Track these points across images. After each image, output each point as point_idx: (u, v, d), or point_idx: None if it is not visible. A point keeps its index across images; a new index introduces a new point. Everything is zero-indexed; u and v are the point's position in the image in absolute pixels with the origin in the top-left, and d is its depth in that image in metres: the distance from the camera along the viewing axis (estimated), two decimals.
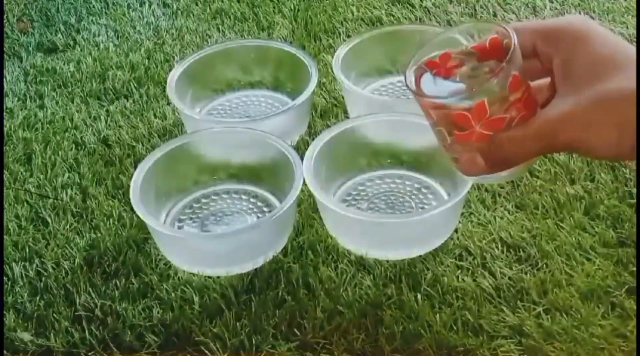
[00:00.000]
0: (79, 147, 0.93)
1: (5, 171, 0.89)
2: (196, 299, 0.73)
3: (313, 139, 0.82)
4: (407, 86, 0.56)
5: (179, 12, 1.18)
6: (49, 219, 0.83)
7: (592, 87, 0.51)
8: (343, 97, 0.95)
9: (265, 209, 0.83)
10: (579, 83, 0.52)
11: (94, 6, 1.21)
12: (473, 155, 0.55)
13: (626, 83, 0.50)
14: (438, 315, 0.70)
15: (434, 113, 0.55)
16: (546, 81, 0.56)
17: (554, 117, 0.52)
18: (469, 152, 0.55)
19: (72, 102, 1.00)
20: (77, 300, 0.74)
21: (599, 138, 0.50)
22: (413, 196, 0.83)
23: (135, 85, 1.02)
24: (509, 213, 0.80)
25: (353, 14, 1.13)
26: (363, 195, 0.84)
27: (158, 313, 0.72)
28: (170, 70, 0.96)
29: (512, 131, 0.53)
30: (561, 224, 0.78)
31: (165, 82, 0.93)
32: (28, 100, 1.01)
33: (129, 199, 0.76)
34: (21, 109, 1.00)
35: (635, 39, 1.01)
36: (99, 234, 0.81)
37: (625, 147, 0.50)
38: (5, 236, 0.81)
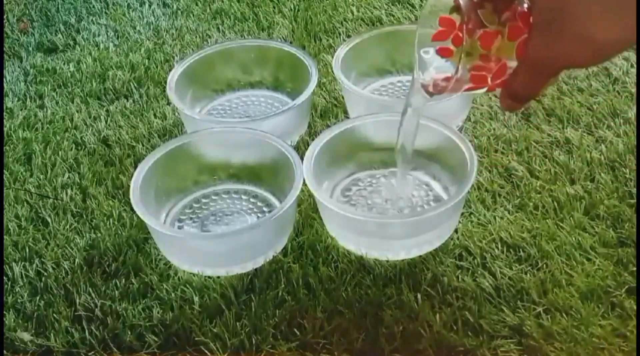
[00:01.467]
0: (79, 147, 0.93)
1: (5, 171, 0.89)
2: (196, 299, 0.73)
3: (313, 139, 0.82)
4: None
5: (179, 12, 1.18)
6: (49, 219, 0.83)
7: (560, 16, 0.54)
8: (343, 97, 0.95)
9: (265, 209, 0.83)
10: (547, 12, 0.55)
11: (94, 6, 1.21)
12: (507, 100, 0.62)
13: (591, 7, 0.53)
14: (438, 314, 0.70)
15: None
16: None
17: (538, 57, 0.57)
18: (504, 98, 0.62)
19: (72, 102, 1.00)
20: (77, 300, 0.74)
21: (579, 61, 0.57)
22: (414, 192, 0.83)
23: (135, 85, 1.02)
24: (509, 213, 0.80)
25: (353, 14, 1.13)
26: (363, 191, 0.84)
27: (158, 313, 0.72)
28: (170, 70, 0.96)
29: (515, 78, 0.60)
30: (561, 224, 0.78)
31: (165, 82, 0.93)
32: (28, 100, 1.01)
33: (129, 199, 0.76)
34: (21, 109, 1.00)
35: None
36: (99, 234, 0.81)
37: (605, 58, 0.57)
38: (5, 236, 0.81)
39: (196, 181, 0.85)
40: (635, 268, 0.73)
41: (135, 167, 0.81)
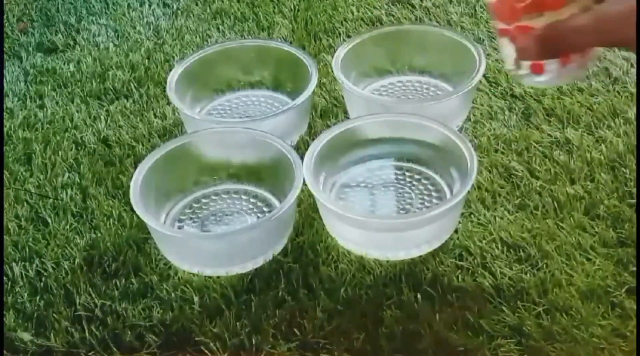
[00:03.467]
0: (79, 147, 0.93)
1: (5, 171, 0.89)
2: (196, 299, 0.73)
3: (313, 139, 0.82)
4: None
5: (179, 12, 1.18)
6: (49, 219, 0.83)
7: None
8: (343, 97, 0.95)
9: (265, 209, 0.83)
10: None
11: (94, 6, 1.21)
12: (529, 40, 0.57)
13: None
14: (438, 315, 0.70)
15: None
16: None
17: (618, 13, 0.53)
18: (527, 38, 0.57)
19: (72, 102, 1.00)
20: (77, 300, 0.74)
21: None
22: (413, 187, 0.83)
23: (135, 85, 1.02)
24: (509, 213, 0.80)
25: (353, 14, 1.13)
26: (363, 187, 0.84)
27: (158, 313, 0.72)
28: (170, 70, 0.96)
29: (574, 18, 0.55)
30: (561, 224, 0.78)
31: (165, 82, 0.93)
32: (28, 100, 1.01)
33: (129, 199, 0.76)
34: (21, 109, 1.00)
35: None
36: (99, 234, 0.81)
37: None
38: (5, 236, 0.81)
39: (196, 181, 0.85)
40: (635, 268, 0.73)
41: (135, 167, 0.81)
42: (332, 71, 0.92)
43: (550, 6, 0.57)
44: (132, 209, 0.77)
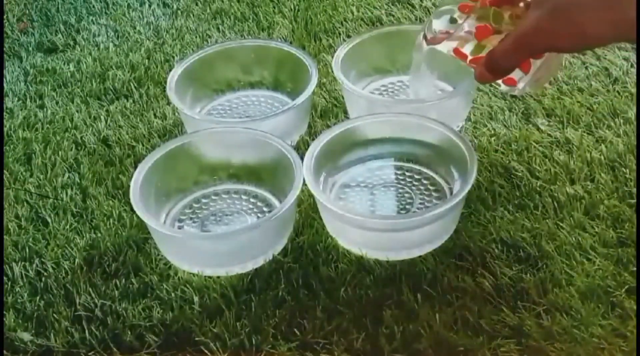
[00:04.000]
0: (79, 147, 0.93)
1: (5, 171, 0.89)
2: (196, 299, 0.73)
3: (313, 139, 0.82)
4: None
5: (179, 12, 1.18)
6: (49, 219, 0.83)
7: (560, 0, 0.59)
8: (343, 97, 0.95)
9: (265, 209, 0.83)
10: None
11: (94, 6, 1.21)
12: (480, 67, 0.69)
13: None
14: (438, 314, 0.70)
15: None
16: None
17: (525, 31, 0.62)
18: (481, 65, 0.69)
19: (72, 102, 1.01)
20: (77, 300, 0.74)
21: (563, 44, 0.62)
22: (413, 187, 0.83)
23: (135, 85, 1.02)
24: (509, 213, 0.80)
25: (353, 14, 1.13)
26: (363, 187, 0.84)
27: (158, 313, 0.72)
28: (170, 70, 0.96)
29: (499, 46, 0.66)
30: (561, 224, 0.78)
31: (165, 82, 0.93)
32: (28, 100, 1.01)
33: (129, 199, 0.76)
34: (21, 109, 1.00)
35: None
36: (99, 234, 0.81)
37: (586, 47, 0.69)
38: (5, 236, 0.81)
39: (196, 181, 0.85)
40: (635, 268, 0.73)
41: (135, 167, 0.81)
42: (332, 71, 0.92)
43: (482, 37, 0.71)
44: (132, 209, 0.77)
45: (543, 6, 0.60)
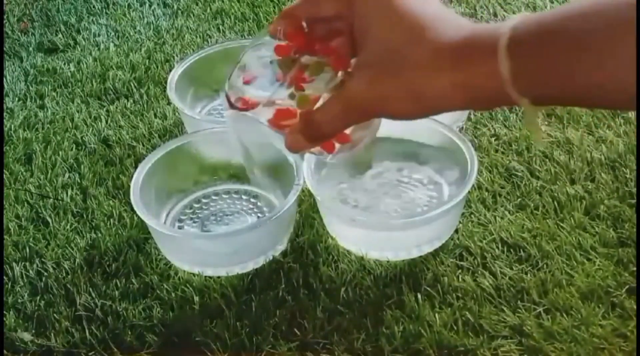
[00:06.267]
0: (79, 147, 0.93)
1: (5, 171, 0.89)
2: (196, 299, 0.73)
3: None
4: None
5: (179, 12, 1.18)
6: (49, 219, 0.83)
7: (389, 57, 0.49)
8: None
9: (265, 209, 0.83)
10: (377, 51, 0.50)
11: (94, 6, 1.21)
12: (295, 134, 0.56)
13: (422, 54, 0.47)
14: (438, 314, 0.70)
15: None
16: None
17: (356, 94, 0.51)
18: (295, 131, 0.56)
19: (73, 102, 1.01)
20: (78, 300, 0.74)
21: (397, 109, 0.51)
22: (414, 187, 0.83)
23: (136, 85, 1.02)
24: (509, 213, 0.80)
25: None
26: (362, 187, 0.84)
27: (158, 313, 0.72)
28: (170, 70, 0.96)
29: (324, 108, 0.53)
30: (561, 224, 0.78)
31: (166, 82, 0.93)
32: (28, 100, 1.01)
33: (129, 199, 0.76)
34: (21, 109, 1.00)
35: None
36: (99, 234, 0.81)
37: (426, 112, 0.51)
38: (5, 236, 0.81)
39: (196, 181, 0.85)
40: (635, 268, 0.73)
41: (136, 167, 0.81)
42: None
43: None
44: (132, 209, 0.77)
45: (378, 67, 0.49)
